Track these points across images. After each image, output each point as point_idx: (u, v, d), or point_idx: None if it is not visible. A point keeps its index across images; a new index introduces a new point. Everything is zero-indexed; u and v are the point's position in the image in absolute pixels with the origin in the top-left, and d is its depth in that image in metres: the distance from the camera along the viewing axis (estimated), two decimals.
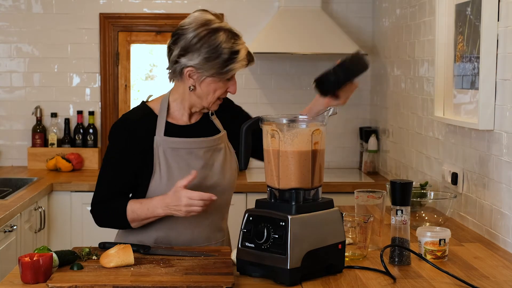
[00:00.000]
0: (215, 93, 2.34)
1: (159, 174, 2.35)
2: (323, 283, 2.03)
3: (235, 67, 2.30)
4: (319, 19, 4.58)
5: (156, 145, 2.36)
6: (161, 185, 2.35)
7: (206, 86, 2.33)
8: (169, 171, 2.35)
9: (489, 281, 2.10)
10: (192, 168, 2.33)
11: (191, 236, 2.42)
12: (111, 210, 2.39)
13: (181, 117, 2.42)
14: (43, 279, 1.99)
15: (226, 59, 2.28)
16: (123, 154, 2.37)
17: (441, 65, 3.18)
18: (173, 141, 2.37)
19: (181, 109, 2.42)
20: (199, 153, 2.39)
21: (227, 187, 2.45)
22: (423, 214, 2.82)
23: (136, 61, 4.89)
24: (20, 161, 4.78)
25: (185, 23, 2.32)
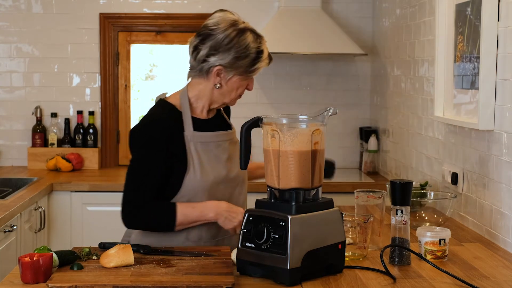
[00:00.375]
0: (237, 91, 2.46)
1: (193, 169, 2.40)
2: (323, 283, 2.03)
3: (261, 66, 2.44)
4: (319, 19, 4.58)
5: (187, 141, 2.42)
6: (195, 179, 2.40)
7: (231, 84, 2.44)
8: (201, 165, 2.42)
9: (489, 281, 2.10)
10: (219, 161, 2.45)
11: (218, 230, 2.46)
12: (158, 213, 2.39)
13: (200, 112, 2.49)
14: (43, 279, 1.99)
15: (254, 58, 2.41)
16: (158, 154, 2.37)
17: (441, 65, 3.18)
18: (202, 135, 2.45)
19: (201, 105, 2.49)
20: (225, 146, 2.50)
21: (243, 178, 2.56)
22: (423, 214, 2.82)
23: (136, 61, 4.89)
24: (20, 161, 4.78)
25: (212, 24, 2.41)
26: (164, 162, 2.37)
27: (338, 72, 4.90)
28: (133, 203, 2.37)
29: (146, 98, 5.00)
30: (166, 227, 2.39)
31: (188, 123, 2.43)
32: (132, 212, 2.38)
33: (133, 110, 4.90)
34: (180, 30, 4.80)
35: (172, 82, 4.91)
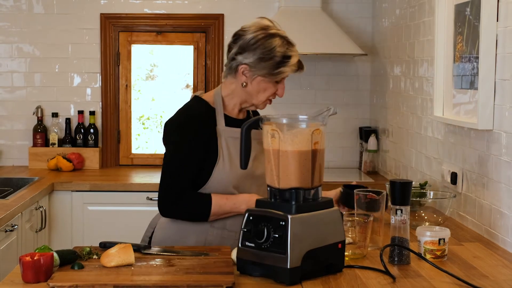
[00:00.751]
0: (264, 93, 2.53)
1: (222, 161, 2.49)
2: (323, 282, 2.04)
3: (285, 71, 2.50)
4: (319, 19, 4.59)
5: (219, 135, 2.51)
6: (224, 171, 2.48)
7: (256, 84, 2.51)
8: (230, 158, 2.49)
9: (488, 281, 2.11)
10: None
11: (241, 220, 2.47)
12: (196, 203, 2.48)
13: (232, 111, 2.59)
14: (44, 278, 2.00)
15: (278, 61, 2.48)
16: (192, 147, 2.48)
17: (441, 65, 3.19)
18: (233, 131, 2.52)
19: (232, 103, 2.58)
20: (253, 144, 2.47)
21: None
22: (422, 213, 2.83)
23: (136, 61, 4.90)
24: (21, 160, 4.79)
25: (246, 26, 2.54)
26: (199, 153, 2.48)
27: (338, 72, 4.91)
28: (171, 191, 2.47)
29: (147, 98, 5.00)
30: (201, 216, 2.48)
31: (220, 118, 2.53)
32: (170, 200, 2.47)
33: (134, 110, 4.91)
34: (181, 30, 4.80)
35: (173, 82, 4.91)
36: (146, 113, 5.01)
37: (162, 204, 2.49)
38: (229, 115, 2.57)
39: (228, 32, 4.82)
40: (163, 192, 2.48)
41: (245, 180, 2.52)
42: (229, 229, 2.52)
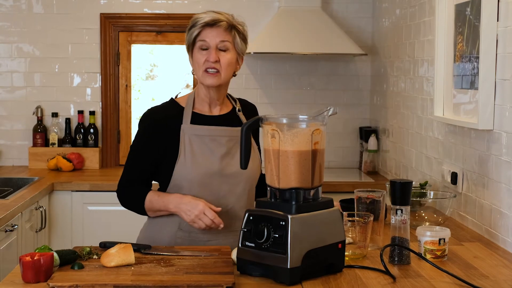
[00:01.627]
0: (198, 64, 2.48)
1: (184, 158, 2.48)
2: (323, 282, 2.04)
3: (194, 31, 2.48)
4: (319, 19, 4.59)
5: (183, 132, 2.50)
6: (185, 168, 2.47)
7: (192, 62, 2.53)
8: (193, 155, 2.48)
9: (488, 281, 2.11)
10: (214, 155, 2.48)
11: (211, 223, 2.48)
12: (132, 196, 2.55)
13: (203, 108, 2.57)
14: (44, 278, 2.00)
15: (191, 26, 2.50)
16: (147, 142, 2.52)
17: (441, 65, 3.18)
18: (198, 128, 2.51)
19: (200, 100, 2.57)
20: (222, 141, 2.52)
21: (246, 178, 2.54)
22: (422, 213, 2.83)
23: (136, 61, 4.90)
24: (21, 160, 4.79)
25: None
26: (153, 149, 2.50)
27: (338, 72, 4.91)
28: (121, 180, 2.56)
29: (147, 98, 5.00)
30: (138, 209, 2.55)
31: (187, 116, 2.52)
32: (117, 191, 2.57)
33: (134, 110, 4.91)
34: (181, 30, 4.80)
35: (173, 82, 4.91)
36: None
37: (117, 194, 2.59)
38: (200, 112, 2.54)
39: None
40: (118, 182, 2.58)
41: (211, 178, 2.48)
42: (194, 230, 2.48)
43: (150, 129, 2.52)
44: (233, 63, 2.51)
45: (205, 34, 2.47)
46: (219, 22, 2.48)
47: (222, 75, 2.49)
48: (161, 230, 2.53)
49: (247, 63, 4.82)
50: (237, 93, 2.79)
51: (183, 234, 2.49)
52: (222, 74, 2.49)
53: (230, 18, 2.52)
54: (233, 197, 2.51)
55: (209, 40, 2.47)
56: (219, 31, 2.47)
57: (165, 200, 2.47)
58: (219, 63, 2.47)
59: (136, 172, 2.54)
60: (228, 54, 2.49)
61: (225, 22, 2.48)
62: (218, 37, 2.47)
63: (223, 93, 2.58)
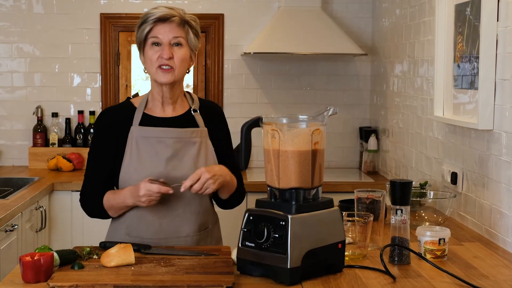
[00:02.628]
0: (151, 61, 2.43)
1: (129, 160, 2.45)
2: (323, 282, 2.04)
3: (145, 27, 2.44)
4: (319, 19, 4.59)
5: (131, 134, 2.47)
6: (130, 170, 2.44)
7: (144, 60, 2.47)
8: (139, 158, 2.44)
9: (488, 281, 2.11)
10: (159, 157, 2.43)
11: (159, 227, 2.46)
12: (91, 200, 2.51)
13: (155, 108, 2.51)
14: (44, 278, 2.00)
15: (142, 22, 2.47)
16: (99, 144, 2.50)
17: (441, 65, 3.18)
18: (144, 130, 2.46)
19: (153, 100, 2.52)
20: (168, 143, 2.46)
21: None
22: (422, 213, 2.83)
23: (136, 61, 4.89)
24: (21, 160, 4.79)
25: None
26: (106, 152, 2.47)
27: (338, 72, 4.91)
28: (81, 190, 2.53)
29: None
30: (101, 213, 2.49)
31: (137, 118, 2.48)
32: (80, 201, 2.54)
33: None
34: None
35: None
36: None
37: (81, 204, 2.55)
38: (152, 114, 2.49)
39: (228, 32, 4.82)
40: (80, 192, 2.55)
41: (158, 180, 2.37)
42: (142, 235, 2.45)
43: (101, 132, 2.51)
44: (187, 59, 2.45)
45: (157, 30, 2.42)
46: (172, 18, 2.42)
47: (176, 72, 2.43)
48: (113, 237, 2.51)
49: (247, 63, 4.83)
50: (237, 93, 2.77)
51: (132, 239, 2.45)
52: (176, 71, 2.43)
53: (182, 13, 2.45)
54: (182, 201, 2.45)
55: (161, 36, 2.42)
56: (172, 27, 2.42)
57: (121, 195, 2.41)
58: (172, 59, 2.41)
59: (94, 178, 2.50)
60: (181, 50, 2.43)
61: (178, 18, 2.43)
62: (171, 33, 2.42)
63: (177, 91, 2.51)
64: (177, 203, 2.46)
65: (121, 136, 2.47)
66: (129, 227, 2.48)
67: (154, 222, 2.46)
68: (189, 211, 2.48)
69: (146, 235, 2.45)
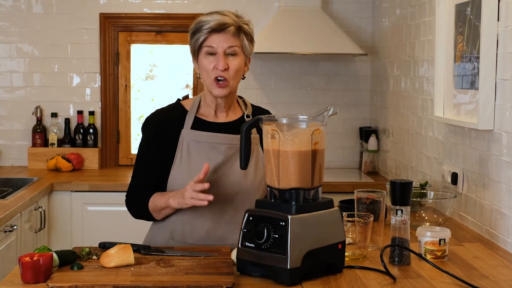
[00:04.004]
0: (206, 72, 2.38)
1: (180, 163, 2.41)
2: (323, 283, 2.04)
3: (200, 36, 2.37)
4: (319, 19, 4.59)
5: (182, 138, 2.44)
6: (180, 174, 2.41)
7: (199, 68, 2.42)
8: (189, 162, 2.41)
9: (489, 281, 2.10)
10: (211, 162, 2.38)
11: (206, 233, 2.43)
12: (137, 201, 2.47)
13: (208, 114, 2.48)
14: (43, 279, 1.99)
15: (194, 31, 2.40)
16: (150, 146, 2.46)
17: (441, 65, 3.18)
18: (196, 134, 2.43)
19: (206, 106, 2.49)
20: (220, 149, 2.42)
21: (249, 188, 2.43)
22: (423, 214, 2.82)
23: (136, 61, 4.89)
24: (20, 161, 4.78)
25: None
26: (157, 154, 2.44)
27: (338, 72, 4.90)
28: (128, 190, 2.50)
29: (146, 98, 5.00)
30: (146, 214, 2.46)
31: (189, 121, 2.44)
32: (126, 201, 2.51)
33: (133, 110, 4.90)
34: (180, 30, 4.79)
35: (173, 82, 4.91)
36: (146, 113, 4.97)
37: (126, 204, 2.52)
38: (204, 118, 2.46)
39: None
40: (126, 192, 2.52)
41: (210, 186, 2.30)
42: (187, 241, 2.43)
43: (152, 134, 2.45)
44: (241, 68, 2.41)
45: (212, 40, 2.36)
46: (227, 27, 2.36)
47: (231, 83, 2.40)
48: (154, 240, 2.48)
49: None
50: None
51: (175, 243, 2.44)
52: (231, 82, 2.39)
53: (237, 20, 2.40)
54: (230, 208, 2.42)
55: (216, 46, 2.36)
56: (227, 37, 2.36)
57: (167, 197, 2.36)
58: (227, 70, 2.37)
59: (142, 179, 2.47)
60: (236, 59, 2.39)
61: (233, 27, 2.37)
62: (226, 43, 2.36)
63: (231, 100, 2.49)
64: (225, 209, 2.41)
65: (171, 139, 2.43)
66: (173, 231, 2.44)
67: (200, 227, 2.42)
68: (238, 218, 2.38)
69: (190, 240, 2.42)
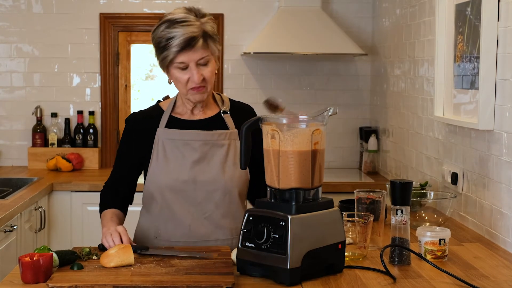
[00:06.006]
0: (180, 83, 2.37)
1: (156, 162, 2.44)
2: (323, 283, 2.04)
3: (168, 54, 2.32)
4: (319, 19, 4.59)
5: (157, 137, 2.45)
6: (157, 172, 2.43)
7: (171, 77, 2.42)
8: (165, 160, 2.43)
9: (489, 281, 2.10)
10: (186, 160, 2.41)
11: (188, 230, 2.44)
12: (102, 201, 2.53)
13: (184, 113, 2.49)
14: (43, 279, 1.99)
15: (162, 47, 2.33)
16: (125, 145, 2.52)
17: (441, 65, 3.18)
18: (170, 132, 2.44)
19: (182, 105, 2.49)
20: (194, 145, 2.44)
21: (228, 184, 2.43)
22: (423, 214, 2.82)
23: (136, 61, 4.89)
24: (20, 161, 4.78)
25: None
26: (133, 155, 2.49)
27: (338, 72, 4.90)
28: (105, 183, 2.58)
29: (146, 98, 5.00)
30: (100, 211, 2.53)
31: (164, 120, 2.46)
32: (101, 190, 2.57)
33: (133, 110, 4.88)
34: None
35: None
36: None
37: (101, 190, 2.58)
38: (179, 117, 2.47)
39: (228, 32, 4.81)
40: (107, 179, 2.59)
41: (184, 185, 2.39)
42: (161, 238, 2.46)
43: (129, 134, 2.50)
44: (214, 70, 2.39)
45: (182, 57, 2.31)
46: (195, 43, 2.30)
47: (209, 87, 2.39)
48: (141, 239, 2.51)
49: (247, 63, 4.82)
50: (237, 93, 2.77)
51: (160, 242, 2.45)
52: (209, 87, 2.39)
53: (199, 24, 2.33)
54: (210, 204, 2.42)
55: (187, 61, 2.32)
56: (196, 50, 2.31)
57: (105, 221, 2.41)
58: (203, 79, 2.34)
59: (117, 174, 2.54)
60: (209, 66, 2.35)
61: (200, 39, 2.31)
62: (197, 56, 2.31)
63: (208, 98, 2.46)
64: (206, 206, 2.43)
65: (147, 139, 2.45)
66: (157, 229, 2.46)
67: (181, 224, 2.43)
68: (219, 215, 2.44)
69: (174, 237, 2.43)
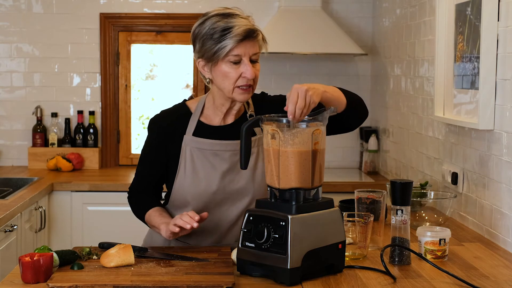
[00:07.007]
0: (228, 79, 2.24)
1: (184, 172, 2.36)
2: (323, 283, 2.04)
3: (228, 43, 2.20)
4: (319, 19, 4.59)
5: (184, 144, 2.36)
6: (185, 183, 2.36)
7: (216, 74, 2.26)
8: (194, 170, 2.35)
9: (489, 281, 2.10)
10: (215, 170, 2.33)
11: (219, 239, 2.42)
12: (138, 205, 2.48)
13: (214, 117, 2.38)
14: (43, 278, 1.99)
15: (218, 37, 2.21)
16: (152, 148, 2.41)
17: (441, 65, 3.18)
18: (199, 141, 2.35)
19: (214, 108, 2.37)
20: (224, 156, 2.35)
21: (256, 192, 2.37)
22: (423, 214, 2.82)
23: (136, 61, 4.89)
24: (21, 161, 4.78)
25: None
26: (158, 156, 2.40)
27: (338, 72, 4.90)
28: (130, 187, 2.51)
29: (147, 98, 5.00)
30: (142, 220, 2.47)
31: (191, 127, 2.36)
32: (128, 196, 2.52)
33: (134, 110, 4.90)
34: (181, 30, 4.80)
35: (173, 82, 4.91)
36: (146, 113, 5.00)
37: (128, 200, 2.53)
38: (207, 123, 2.37)
39: None
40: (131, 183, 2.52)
41: (214, 195, 2.33)
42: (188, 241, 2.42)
43: (155, 137, 2.39)
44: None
45: (240, 48, 2.21)
46: (257, 35, 2.24)
47: (255, 88, 2.30)
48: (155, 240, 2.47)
49: None
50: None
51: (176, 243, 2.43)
52: (255, 87, 2.29)
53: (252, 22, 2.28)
54: (236, 211, 2.38)
55: (243, 54, 2.22)
56: (254, 44, 2.25)
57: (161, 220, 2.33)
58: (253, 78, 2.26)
59: (144, 178, 2.46)
60: (258, 65, 2.28)
61: (260, 33, 2.27)
62: (252, 50, 2.24)
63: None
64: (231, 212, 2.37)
65: (174, 143, 2.36)
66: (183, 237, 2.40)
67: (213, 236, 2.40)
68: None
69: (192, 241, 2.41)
